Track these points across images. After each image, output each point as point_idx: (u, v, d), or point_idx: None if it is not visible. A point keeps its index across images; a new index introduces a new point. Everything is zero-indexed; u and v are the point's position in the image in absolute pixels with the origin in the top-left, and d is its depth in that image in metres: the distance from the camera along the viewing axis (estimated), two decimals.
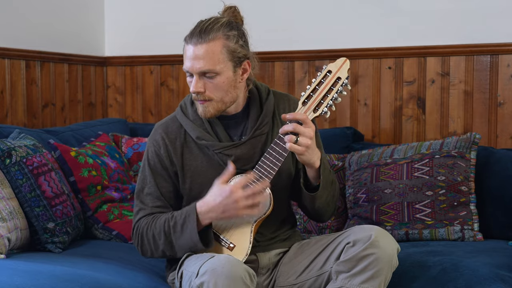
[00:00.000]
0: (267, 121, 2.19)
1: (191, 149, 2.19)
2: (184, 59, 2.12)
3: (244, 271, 1.91)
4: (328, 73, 2.05)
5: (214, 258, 1.94)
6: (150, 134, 2.25)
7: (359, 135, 3.20)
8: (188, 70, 2.10)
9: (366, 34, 3.25)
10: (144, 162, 2.23)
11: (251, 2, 3.41)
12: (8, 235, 2.35)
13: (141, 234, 2.16)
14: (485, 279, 2.18)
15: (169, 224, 2.11)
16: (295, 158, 2.20)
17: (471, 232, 2.63)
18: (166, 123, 2.24)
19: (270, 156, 2.06)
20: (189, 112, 2.21)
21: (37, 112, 3.32)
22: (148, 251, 2.18)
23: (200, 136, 2.17)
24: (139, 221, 2.19)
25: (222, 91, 2.10)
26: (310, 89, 2.05)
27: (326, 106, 2.04)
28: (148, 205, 2.19)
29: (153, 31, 3.68)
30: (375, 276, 1.97)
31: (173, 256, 2.15)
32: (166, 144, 2.19)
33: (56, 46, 3.43)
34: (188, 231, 2.07)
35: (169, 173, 2.20)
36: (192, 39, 2.10)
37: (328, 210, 2.22)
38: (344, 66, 2.05)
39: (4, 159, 2.47)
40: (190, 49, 2.10)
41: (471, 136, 2.76)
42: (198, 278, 1.91)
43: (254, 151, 2.16)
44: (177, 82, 3.63)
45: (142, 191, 2.21)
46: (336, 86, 2.04)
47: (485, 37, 3.05)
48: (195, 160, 2.18)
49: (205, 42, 2.07)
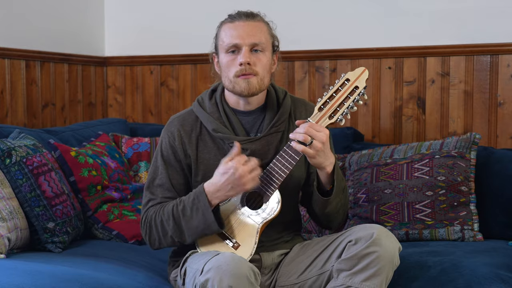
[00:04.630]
0: (283, 119, 2.22)
1: (206, 142, 2.22)
2: (227, 36, 2.16)
3: (249, 269, 1.91)
4: (346, 81, 2.08)
5: (219, 255, 1.95)
6: (165, 126, 2.27)
7: (359, 135, 3.20)
8: (238, 43, 2.14)
9: (366, 34, 3.26)
10: (157, 153, 2.24)
11: (251, 2, 3.42)
12: (8, 235, 2.35)
13: (149, 222, 2.17)
14: (485, 279, 2.18)
15: (178, 208, 2.12)
16: (308, 163, 2.22)
17: (471, 232, 2.63)
18: (183, 115, 2.27)
19: (282, 159, 2.08)
20: (207, 105, 2.24)
21: (37, 112, 3.32)
22: (156, 240, 2.18)
23: (217, 128, 2.19)
24: (147, 210, 2.20)
25: (265, 70, 2.16)
26: (327, 95, 2.07)
27: (342, 114, 2.07)
28: (158, 196, 2.20)
29: (153, 31, 3.68)
30: (377, 274, 1.97)
31: (182, 242, 2.15)
32: (181, 136, 2.22)
33: (56, 46, 3.43)
34: (201, 212, 2.08)
35: (182, 165, 2.22)
36: (240, 18, 2.17)
37: (337, 217, 2.23)
38: (362, 76, 2.08)
39: (4, 159, 2.47)
40: (239, 24, 2.16)
41: (471, 136, 2.76)
42: (203, 275, 1.91)
43: (269, 147, 2.19)
44: (177, 82, 3.63)
45: (153, 182, 2.22)
46: (353, 95, 2.07)
47: (485, 37, 3.05)
48: (209, 153, 2.21)
49: (254, 21, 2.17)
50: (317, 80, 3.34)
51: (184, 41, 3.61)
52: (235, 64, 2.14)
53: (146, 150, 3.13)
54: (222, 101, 2.24)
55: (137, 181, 3.08)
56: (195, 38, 3.51)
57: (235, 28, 2.15)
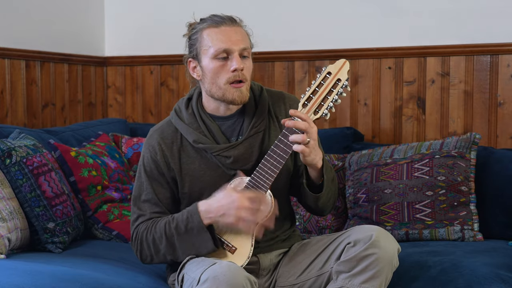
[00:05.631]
0: (262, 118, 2.18)
1: (188, 152, 2.17)
2: (215, 41, 2.09)
3: (245, 279, 1.90)
4: (328, 75, 2.05)
5: (215, 265, 1.93)
6: (145, 140, 2.22)
7: (359, 135, 3.20)
8: (229, 48, 2.08)
9: (366, 34, 3.25)
10: (140, 168, 2.20)
11: (251, 2, 3.42)
12: (8, 235, 2.35)
13: (140, 239, 2.14)
14: (485, 279, 2.18)
15: (171, 226, 2.09)
16: (293, 155, 2.18)
17: (471, 232, 2.63)
18: (162, 127, 2.21)
19: (271, 159, 2.05)
20: (184, 116, 2.19)
21: (37, 112, 3.32)
22: (148, 256, 2.16)
23: (197, 139, 2.15)
24: (138, 226, 2.16)
25: (250, 75, 2.14)
26: (310, 91, 2.04)
27: (327, 108, 2.04)
28: (146, 211, 2.16)
29: (153, 31, 3.68)
30: (376, 276, 1.96)
31: (175, 260, 2.13)
32: (162, 150, 2.17)
33: (56, 46, 3.43)
34: (196, 230, 2.05)
35: (166, 179, 2.17)
36: (224, 22, 2.11)
37: (328, 205, 2.21)
38: (344, 68, 2.04)
39: (4, 159, 2.47)
40: (226, 29, 2.10)
41: (471, 136, 2.76)
42: (200, 286, 1.90)
43: (252, 150, 2.15)
44: (177, 82, 3.63)
45: (139, 197, 2.18)
46: (336, 88, 2.04)
47: (485, 37, 3.05)
48: (193, 164, 2.17)
49: (238, 26, 2.13)
50: None
51: (184, 41, 3.59)
52: (226, 70, 2.08)
53: None
54: (198, 109, 2.18)
55: None
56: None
57: (223, 33, 2.09)
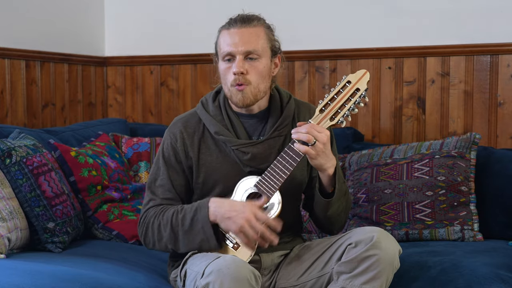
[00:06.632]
0: (286, 123, 2.21)
1: (208, 144, 2.21)
2: (223, 44, 2.15)
3: (250, 272, 1.91)
4: (347, 84, 2.09)
5: (219, 258, 1.94)
6: (168, 127, 2.27)
7: (359, 135, 3.20)
8: (232, 51, 2.12)
9: (366, 34, 3.25)
10: (159, 153, 2.25)
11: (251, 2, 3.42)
12: (8, 235, 2.35)
13: (147, 224, 2.17)
14: (485, 279, 2.18)
15: (178, 215, 2.12)
16: (310, 166, 2.22)
17: (471, 232, 2.63)
18: (186, 117, 2.26)
19: (283, 160, 2.08)
20: (210, 108, 2.24)
21: (37, 112, 3.32)
22: (151, 242, 2.18)
23: (219, 131, 2.18)
24: (147, 210, 2.20)
25: (261, 77, 2.14)
26: (328, 97, 2.09)
27: (343, 116, 2.08)
28: (158, 196, 2.20)
29: (153, 31, 3.68)
30: (377, 277, 1.97)
31: (175, 250, 2.15)
32: (183, 138, 2.21)
33: (56, 46, 3.43)
34: (200, 224, 2.07)
35: (183, 167, 2.21)
36: (236, 24, 2.15)
37: (339, 220, 2.23)
38: (363, 78, 2.09)
39: (4, 159, 2.47)
40: (234, 32, 2.14)
41: (471, 136, 2.76)
42: (204, 279, 1.91)
43: (271, 151, 2.18)
44: (177, 82, 3.63)
45: (155, 182, 2.22)
46: (354, 97, 2.08)
47: (485, 37, 3.05)
48: (210, 156, 2.20)
49: (250, 27, 2.15)
50: (317, 80, 3.34)
51: (184, 41, 3.61)
52: (230, 73, 2.14)
53: (146, 150, 3.13)
54: (225, 103, 2.23)
55: (137, 181, 3.08)
56: (195, 38, 3.52)
57: (230, 36, 2.14)
